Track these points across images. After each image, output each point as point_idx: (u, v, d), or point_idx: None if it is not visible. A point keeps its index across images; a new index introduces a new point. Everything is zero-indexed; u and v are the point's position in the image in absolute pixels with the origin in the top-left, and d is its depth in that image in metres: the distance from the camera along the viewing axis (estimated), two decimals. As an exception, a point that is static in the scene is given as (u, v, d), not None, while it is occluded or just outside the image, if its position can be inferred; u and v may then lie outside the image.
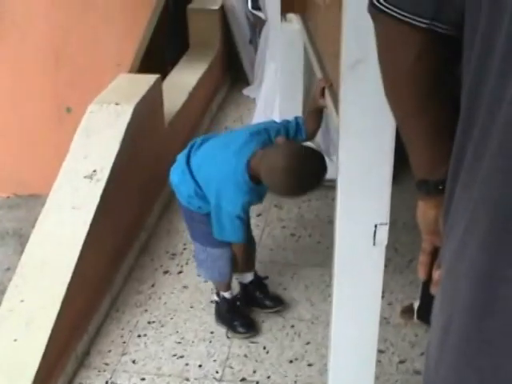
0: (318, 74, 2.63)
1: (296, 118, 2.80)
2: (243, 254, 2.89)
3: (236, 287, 3.05)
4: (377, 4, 1.19)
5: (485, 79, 1.02)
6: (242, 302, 3.02)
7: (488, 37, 1.01)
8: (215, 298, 3.01)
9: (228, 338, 2.90)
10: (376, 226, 1.86)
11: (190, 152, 2.78)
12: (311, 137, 2.87)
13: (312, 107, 2.78)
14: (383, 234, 1.87)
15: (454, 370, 1.11)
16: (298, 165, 2.55)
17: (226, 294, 2.97)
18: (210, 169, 2.68)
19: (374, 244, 1.88)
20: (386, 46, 1.25)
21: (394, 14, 1.16)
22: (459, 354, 1.10)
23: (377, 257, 1.92)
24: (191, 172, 2.72)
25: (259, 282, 3.08)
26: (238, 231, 2.72)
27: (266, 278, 3.11)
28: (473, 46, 1.05)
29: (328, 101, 2.43)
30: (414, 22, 1.15)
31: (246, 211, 2.76)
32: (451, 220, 1.15)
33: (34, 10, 4.11)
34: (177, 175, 2.80)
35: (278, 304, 3.08)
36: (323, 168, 2.62)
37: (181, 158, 2.81)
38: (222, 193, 2.64)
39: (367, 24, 1.63)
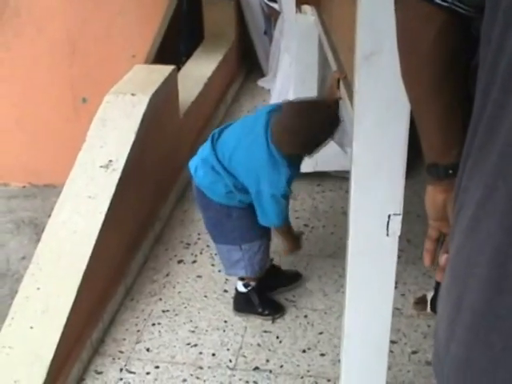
0: (333, 66, 2.64)
1: None
2: (292, 234, 2.89)
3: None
4: None
5: (497, 72, 1.03)
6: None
7: (503, 35, 1.01)
8: (243, 289, 2.99)
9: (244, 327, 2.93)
10: (389, 217, 1.87)
11: (213, 146, 2.74)
12: None
13: (327, 98, 2.77)
14: (396, 224, 1.87)
15: (466, 345, 1.11)
16: (303, 121, 2.58)
17: (255, 284, 2.98)
18: (242, 157, 2.65)
19: (388, 234, 1.88)
20: (407, 25, 1.26)
21: None
22: (471, 329, 1.10)
23: (390, 247, 1.93)
24: (224, 167, 2.69)
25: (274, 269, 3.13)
26: (282, 212, 2.70)
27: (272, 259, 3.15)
28: (490, 42, 1.06)
29: (343, 92, 2.44)
30: (436, 0, 1.16)
31: (290, 188, 2.71)
32: (461, 199, 1.15)
33: (50, 3, 4.13)
34: (207, 174, 2.75)
35: (295, 279, 3.16)
36: (331, 116, 2.64)
37: (206, 155, 2.76)
38: (261, 177, 2.61)
39: (382, 15, 1.65)
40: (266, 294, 3.04)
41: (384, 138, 1.76)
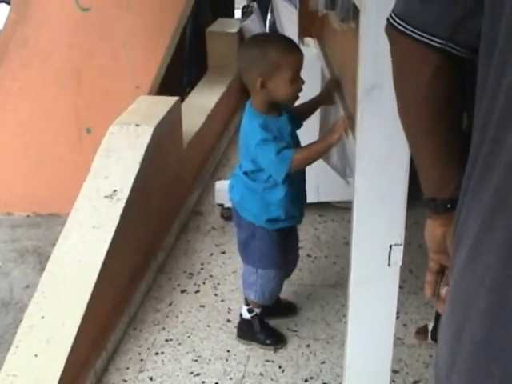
0: (335, 100, 2.67)
1: None
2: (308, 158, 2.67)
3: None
4: (394, 24, 1.24)
5: (494, 109, 1.06)
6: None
7: (499, 74, 1.04)
8: (247, 315, 3.00)
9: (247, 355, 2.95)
10: (391, 247, 1.90)
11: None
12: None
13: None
14: (398, 254, 1.91)
15: (467, 376, 1.13)
16: (254, 39, 2.72)
17: (259, 311, 2.99)
18: (247, 150, 2.67)
19: (389, 264, 1.92)
20: (402, 64, 1.29)
21: (411, 33, 1.21)
22: (472, 360, 1.11)
23: (391, 277, 1.95)
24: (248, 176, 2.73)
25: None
26: (284, 160, 2.55)
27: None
28: (486, 81, 1.09)
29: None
30: (429, 42, 1.19)
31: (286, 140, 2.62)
32: (460, 231, 1.17)
33: (56, 35, 4.18)
34: (237, 189, 2.81)
35: (291, 312, 3.17)
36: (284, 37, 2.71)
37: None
38: (256, 151, 2.59)
39: (383, 49, 1.68)
40: (268, 323, 3.05)
41: (385, 170, 1.80)
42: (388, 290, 1.97)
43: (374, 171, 1.80)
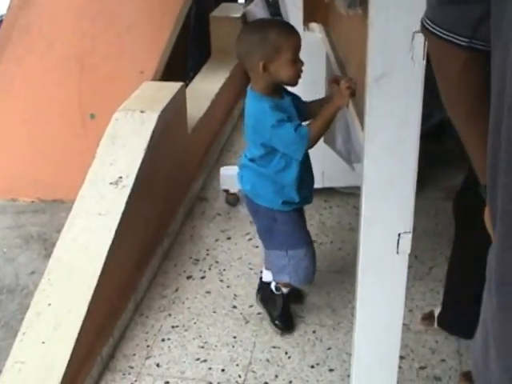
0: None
1: None
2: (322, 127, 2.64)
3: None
4: (425, 24, 1.31)
5: None
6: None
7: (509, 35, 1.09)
8: (273, 289, 3.02)
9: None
10: (399, 235, 1.90)
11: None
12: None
13: (327, 108, 2.64)
14: (407, 242, 1.90)
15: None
16: (251, 25, 2.73)
17: (286, 290, 3.02)
18: (257, 135, 2.66)
19: (398, 253, 1.91)
20: (435, 60, 1.36)
21: (438, 33, 1.27)
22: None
23: (400, 265, 1.95)
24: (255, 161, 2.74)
25: None
26: (302, 136, 2.56)
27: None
28: (498, 47, 1.13)
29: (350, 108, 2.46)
30: (455, 41, 1.23)
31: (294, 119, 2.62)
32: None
33: (60, 21, 4.17)
34: (247, 178, 2.82)
35: (298, 298, 3.17)
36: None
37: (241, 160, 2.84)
38: (272, 134, 2.58)
39: (393, 37, 1.68)
40: (290, 308, 3.07)
41: (394, 158, 1.79)
42: (396, 278, 1.97)
43: (383, 159, 1.79)
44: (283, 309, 3.04)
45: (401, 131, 1.74)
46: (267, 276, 3.06)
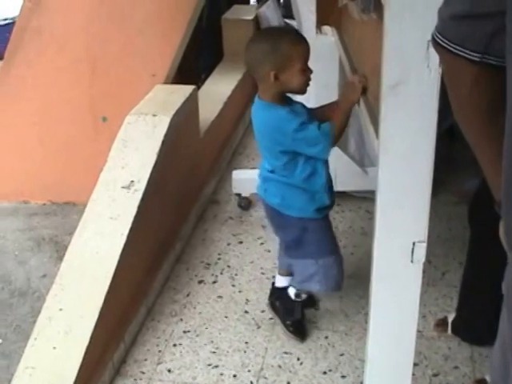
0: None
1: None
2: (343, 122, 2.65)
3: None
4: (436, 39, 1.29)
5: None
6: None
7: None
8: (292, 295, 3.00)
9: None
10: (414, 244, 1.88)
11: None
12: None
13: (342, 104, 2.67)
14: (421, 251, 1.89)
15: None
16: (260, 34, 2.73)
17: (305, 296, 3.01)
18: (275, 144, 2.65)
19: (412, 261, 1.90)
20: (447, 75, 1.34)
21: (450, 47, 1.24)
22: None
23: (414, 274, 1.94)
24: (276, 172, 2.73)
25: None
26: (327, 134, 2.58)
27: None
28: None
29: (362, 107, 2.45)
30: (466, 56, 1.21)
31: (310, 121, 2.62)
32: None
33: (72, 24, 4.16)
34: (273, 194, 2.80)
35: (310, 303, 3.14)
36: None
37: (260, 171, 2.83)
38: (295, 138, 2.57)
39: (408, 45, 1.67)
40: (305, 315, 3.06)
41: (410, 167, 1.77)
42: (410, 287, 1.96)
43: (398, 167, 1.77)
44: (300, 316, 3.02)
45: (416, 139, 1.73)
46: (281, 281, 3.05)
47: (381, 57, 1.75)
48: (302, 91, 2.64)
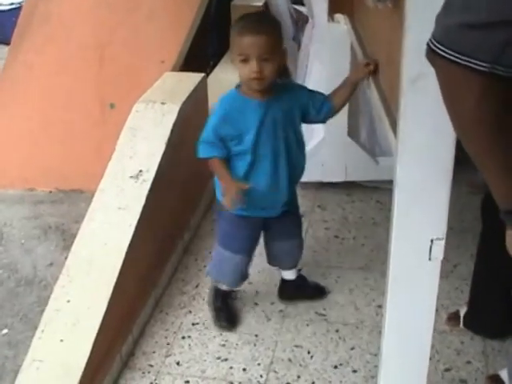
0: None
1: (324, 96, 2.76)
2: (223, 169, 2.81)
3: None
4: (435, 49, 1.22)
5: None
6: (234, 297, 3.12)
7: None
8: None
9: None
10: (432, 241, 1.84)
11: None
12: (336, 112, 2.79)
13: (349, 80, 2.74)
14: (439, 248, 1.85)
15: None
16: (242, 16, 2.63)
17: (224, 287, 3.00)
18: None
19: (430, 259, 1.86)
20: (448, 89, 1.27)
21: (452, 57, 1.17)
22: None
23: (432, 271, 1.90)
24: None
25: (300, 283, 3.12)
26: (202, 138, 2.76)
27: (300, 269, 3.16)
28: None
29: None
30: (473, 66, 1.14)
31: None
32: None
33: (80, 10, 4.13)
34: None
35: (318, 293, 3.14)
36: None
37: None
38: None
39: (429, 36, 1.61)
40: (228, 304, 3.08)
41: (429, 163, 1.73)
42: (428, 285, 1.92)
43: (417, 164, 1.73)
44: (223, 304, 3.05)
45: (436, 134, 1.68)
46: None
47: (396, 46, 1.70)
48: (249, 85, 2.61)
